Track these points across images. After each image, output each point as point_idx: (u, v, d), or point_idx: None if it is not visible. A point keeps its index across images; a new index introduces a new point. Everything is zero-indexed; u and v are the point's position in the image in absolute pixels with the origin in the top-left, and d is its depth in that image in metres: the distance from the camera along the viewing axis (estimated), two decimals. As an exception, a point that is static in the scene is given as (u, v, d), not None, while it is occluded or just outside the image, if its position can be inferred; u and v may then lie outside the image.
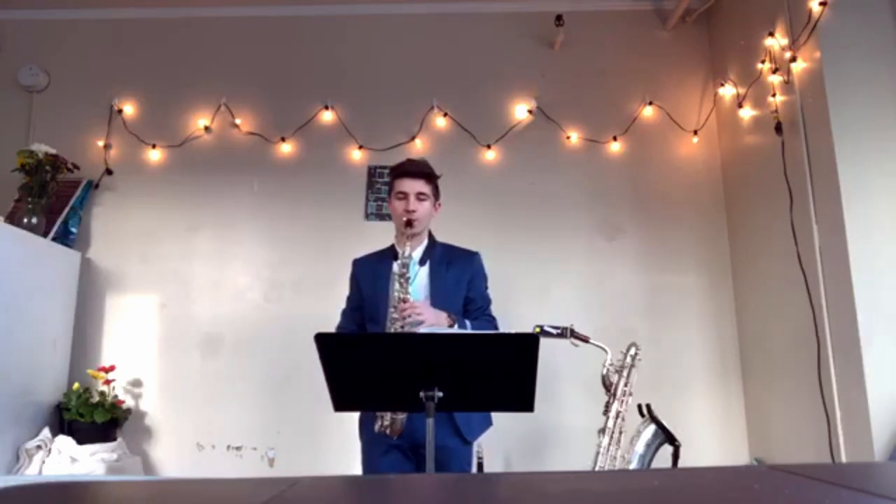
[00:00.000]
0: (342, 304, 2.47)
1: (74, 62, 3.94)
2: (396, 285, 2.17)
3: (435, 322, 2.13)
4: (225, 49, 3.93)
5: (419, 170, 2.30)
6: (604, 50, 3.82)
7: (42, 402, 3.25)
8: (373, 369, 1.77)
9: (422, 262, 2.29)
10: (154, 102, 3.87)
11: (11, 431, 3.03)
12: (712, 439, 3.36)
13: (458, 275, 2.31)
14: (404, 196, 2.26)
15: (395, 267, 2.22)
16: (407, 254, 2.19)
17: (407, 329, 2.08)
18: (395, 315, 2.13)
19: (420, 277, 2.27)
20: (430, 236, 2.39)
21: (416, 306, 2.12)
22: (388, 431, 2.13)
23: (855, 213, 2.51)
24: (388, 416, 2.13)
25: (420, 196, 2.27)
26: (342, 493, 0.73)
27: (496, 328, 2.36)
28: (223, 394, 3.51)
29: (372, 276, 2.33)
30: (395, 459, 2.18)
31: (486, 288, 2.41)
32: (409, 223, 2.22)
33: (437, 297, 2.25)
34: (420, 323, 2.09)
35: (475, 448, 2.32)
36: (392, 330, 2.12)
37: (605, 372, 2.55)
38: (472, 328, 2.23)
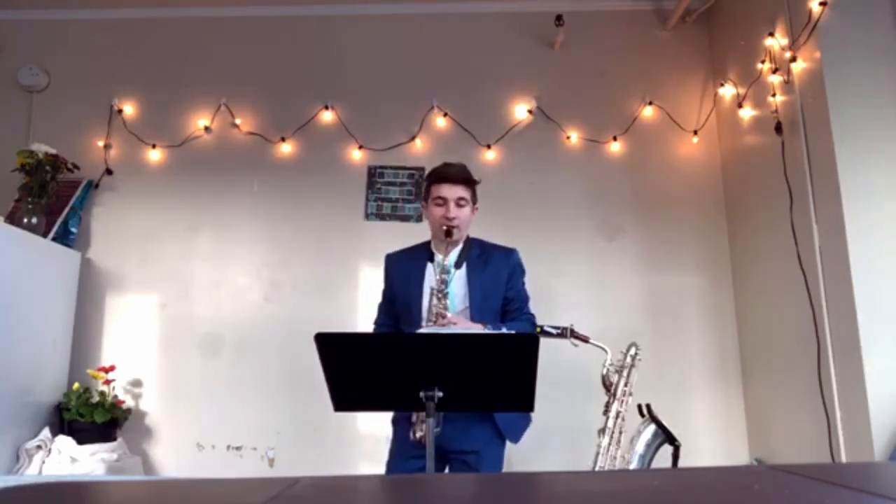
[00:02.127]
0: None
1: (74, 62, 3.94)
2: (434, 300, 2.10)
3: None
4: (225, 49, 3.93)
5: (459, 175, 2.21)
6: (604, 50, 3.82)
7: (42, 402, 3.25)
8: (373, 369, 1.76)
9: (457, 266, 2.21)
10: (154, 102, 3.87)
11: (11, 431, 3.03)
12: (712, 439, 3.36)
13: (495, 274, 2.24)
14: (444, 202, 2.17)
15: (433, 280, 2.14)
16: (446, 269, 2.12)
17: None
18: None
19: (457, 281, 2.20)
20: (467, 237, 2.31)
21: (455, 321, 2.06)
22: (423, 441, 2.08)
23: (855, 213, 2.51)
24: (422, 427, 2.06)
25: (460, 202, 2.18)
26: (342, 493, 0.73)
27: (533, 324, 2.29)
28: (223, 394, 3.51)
29: (405, 276, 2.26)
30: (419, 466, 2.09)
31: (524, 284, 2.35)
32: (448, 232, 2.16)
33: (476, 300, 2.20)
34: None
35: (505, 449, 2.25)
36: None
37: (605, 372, 2.55)
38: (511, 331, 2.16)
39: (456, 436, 2.07)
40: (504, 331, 2.17)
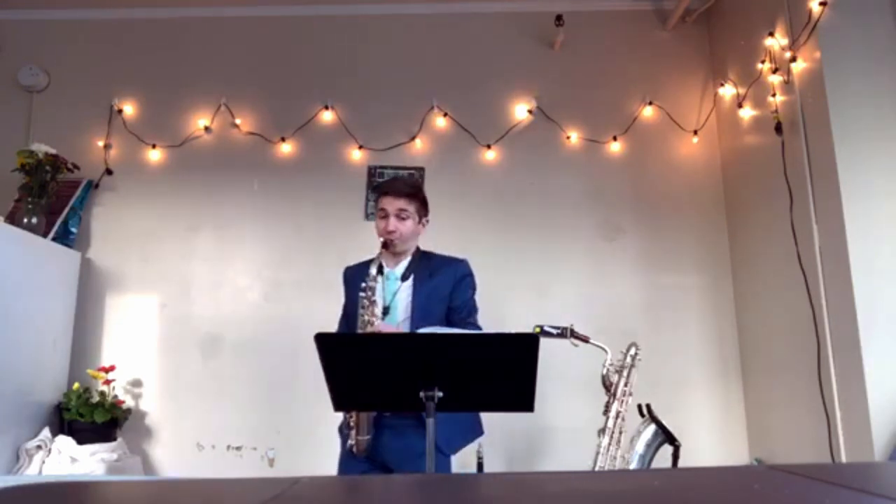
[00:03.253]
0: (342, 304, 2.47)
1: (74, 62, 3.93)
2: (362, 307, 2.12)
3: None
4: (225, 49, 3.93)
5: (401, 188, 2.26)
6: (604, 50, 3.82)
7: (42, 402, 3.25)
8: (373, 369, 1.76)
9: (404, 278, 2.25)
10: (154, 102, 3.87)
11: (11, 431, 3.03)
12: (712, 439, 3.36)
13: (439, 285, 2.25)
14: (385, 214, 2.22)
15: (362, 290, 2.15)
16: (372, 276, 2.14)
17: None
18: None
19: (402, 293, 2.23)
20: (417, 249, 2.33)
21: (381, 330, 2.08)
22: (353, 450, 2.11)
23: (855, 213, 2.51)
24: (353, 435, 2.11)
25: (401, 213, 2.22)
26: (342, 493, 0.73)
27: None
28: (223, 394, 3.51)
29: (355, 288, 2.26)
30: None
31: (472, 296, 2.31)
32: (385, 244, 2.20)
33: (418, 311, 2.20)
34: None
35: (453, 460, 2.25)
36: None
37: (605, 372, 2.55)
38: None
39: (391, 447, 2.11)
40: None
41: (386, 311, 2.20)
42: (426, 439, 1.68)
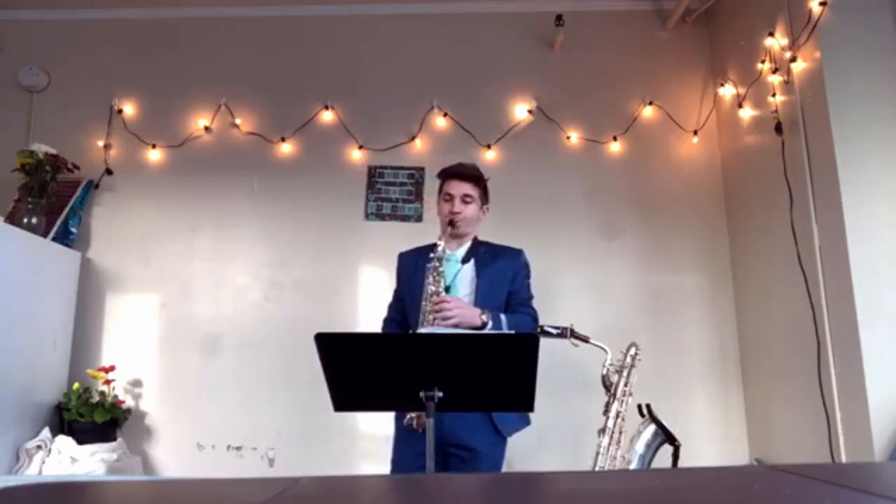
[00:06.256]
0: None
1: (74, 62, 3.94)
2: (430, 278, 2.23)
3: (466, 317, 2.16)
4: (225, 49, 3.93)
5: (466, 172, 2.39)
6: (604, 50, 3.82)
7: (42, 402, 3.25)
8: (373, 369, 1.76)
9: (465, 261, 2.34)
10: (154, 102, 3.87)
11: (11, 431, 3.03)
12: (712, 439, 3.36)
13: (501, 270, 2.36)
14: (450, 198, 2.35)
15: (430, 261, 2.27)
16: (441, 248, 2.25)
17: (438, 322, 2.13)
18: (428, 308, 2.19)
19: (464, 274, 2.32)
20: (475, 237, 2.44)
21: (448, 300, 2.16)
22: (413, 424, 2.13)
23: (855, 213, 2.51)
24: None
25: (466, 198, 2.35)
26: (342, 493, 0.73)
27: (535, 319, 2.38)
28: (223, 394, 3.51)
29: (412, 270, 2.38)
30: (420, 454, 2.17)
31: (529, 284, 2.46)
32: (451, 223, 2.30)
33: (481, 293, 2.30)
34: (450, 318, 2.13)
35: (506, 449, 2.31)
36: (425, 323, 2.18)
37: (605, 372, 2.55)
38: (509, 321, 2.25)
39: (455, 428, 2.13)
40: (503, 318, 2.24)
41: (447, 290, 2.28)
42: (428, 436, 1.68)
